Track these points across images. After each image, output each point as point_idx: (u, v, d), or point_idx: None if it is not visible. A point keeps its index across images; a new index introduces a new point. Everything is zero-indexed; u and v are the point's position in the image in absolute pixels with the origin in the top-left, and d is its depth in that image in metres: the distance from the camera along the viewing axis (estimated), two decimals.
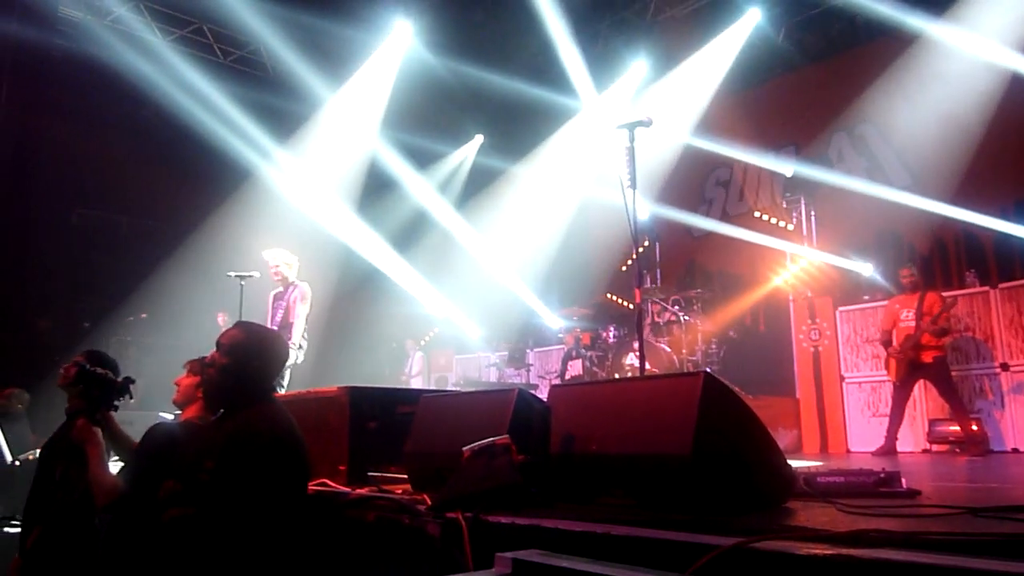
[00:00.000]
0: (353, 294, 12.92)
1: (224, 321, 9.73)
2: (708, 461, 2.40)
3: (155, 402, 7.69)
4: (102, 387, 3.57)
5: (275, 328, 7.12)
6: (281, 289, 7.36)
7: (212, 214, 11.69)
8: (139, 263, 11.34)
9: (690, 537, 2.00)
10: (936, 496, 3.03)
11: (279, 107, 11.91)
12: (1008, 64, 8.70)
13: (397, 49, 11.62)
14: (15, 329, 9.49)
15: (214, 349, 3.00)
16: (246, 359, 2.90)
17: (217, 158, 11.27)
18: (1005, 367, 7.59)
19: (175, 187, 11.78)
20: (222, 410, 3.03)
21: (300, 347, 7.18)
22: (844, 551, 1.74)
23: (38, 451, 5.99)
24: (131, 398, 3.69)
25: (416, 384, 12.28)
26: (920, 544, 1.81)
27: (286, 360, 3.12)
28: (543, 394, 3.37)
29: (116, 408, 3.71)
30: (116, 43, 10.63)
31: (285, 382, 7.14)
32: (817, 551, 1.77)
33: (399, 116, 12.61)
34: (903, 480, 3.01)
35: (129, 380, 3.67)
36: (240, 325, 3.08)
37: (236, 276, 7.91)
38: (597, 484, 2.74)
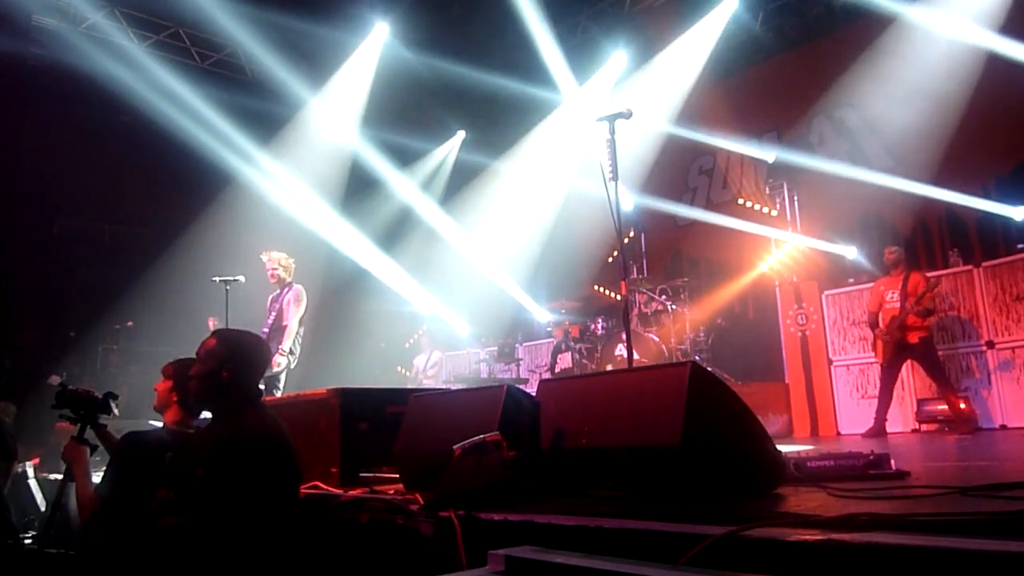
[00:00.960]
0: (340, 294, 12.88)
1: (214, 325, 9.67)
2: (698, 450, 2.41)
3: (144, 410, 7.63)
4: (85, 406, 3.56)
5: (267, 331, 7.10)
6: (278, 291, 7.36)
7: (195, 219, 11.60)
8: (123, 271, 11.25)
9: (682, 528, 2.01)
10: (925, 476, 3.06)
11: (259, 109, 11.82)
12: (984, 43, 8.75)
13: (376, 48, 11.56)
14: (0, 341, 9.40)
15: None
16: (220, 366, 2.91)
17: (198, 162, 11.17)
18: (991, 345, 7.65)
19: (157, 193, 11.70)
20: (203, 415, 3.03)
21: (291, 352, 7.15)
22: (835, 536, 1.75)
23: (28, 464, 5.98)
24: (110, 414, 3.66)
25: (430, 384, 12.10)
26: (909, 526, 1.82)
27: (267, 363, 3.11)
28: (534, 388, 3.37)
29: (105, 425, 3.70)
30: (92, 50, 10.51)
31: (281, 384, 7.12)
32: (808, 537, 1.78)
33: (380, 115, 12.56)
34: (892, 461, 3.04)
35: (111, 395, 3.66)
36: (216, 333, 3.09)
37: (221, 281, 7.86)
38: (589, 477, 2.75)
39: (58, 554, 3.52)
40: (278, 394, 6.76)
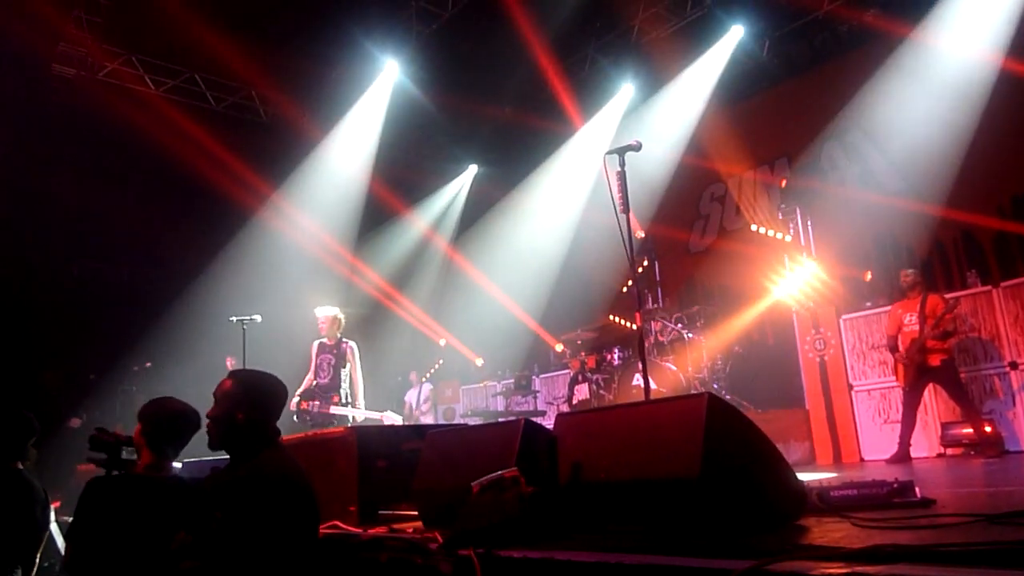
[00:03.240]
0: (355, 330, 12.89)
1: (232, 364, 9.74)
2: (717, 482, 2.38)
3: None
4: (109, 449, 3.57)
5: (325, 383, 7.38)
6: (327, 342, 7.63)
7: (213, 259, 11.74)
8: (142, 312, 11.36)
9: (704, 563, 1.99)
10: (952, 504, 3.00)
11: (274, 150, 12.01)
12: (993, 62, 8.76)
13: (387, 87, 11.74)
14: (21, 383, 9.49)
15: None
16: (235, 409, 2.91)
17: (215, 203, 11.34)
18: (1014, 366, 7.53)
19: (175, 234, 11.85)
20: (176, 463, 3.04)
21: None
22: (860, 568, 1.72)
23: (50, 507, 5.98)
24: (120, 459, 3.64)
25: (427, 420, 12.08)
26: (936, 557, 1.79)
27: (283, 404, 3.11)
28: (551, 421, 3.36)
29: (127, 466, 3.70)
30: (111, 96, 10.76)
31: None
32: (833, 570, 1.75)
33: (393, 151, 12.70)
34: (917, 489, 2.98)
35: (125, 441, 3.66)
36: (232, 375, 3.09)
37: (238, 320, 7.94)
38: (608, 512, 2.72)
39: None
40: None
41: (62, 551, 5.63)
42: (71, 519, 3.62)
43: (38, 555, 4.37)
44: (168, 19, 9.42)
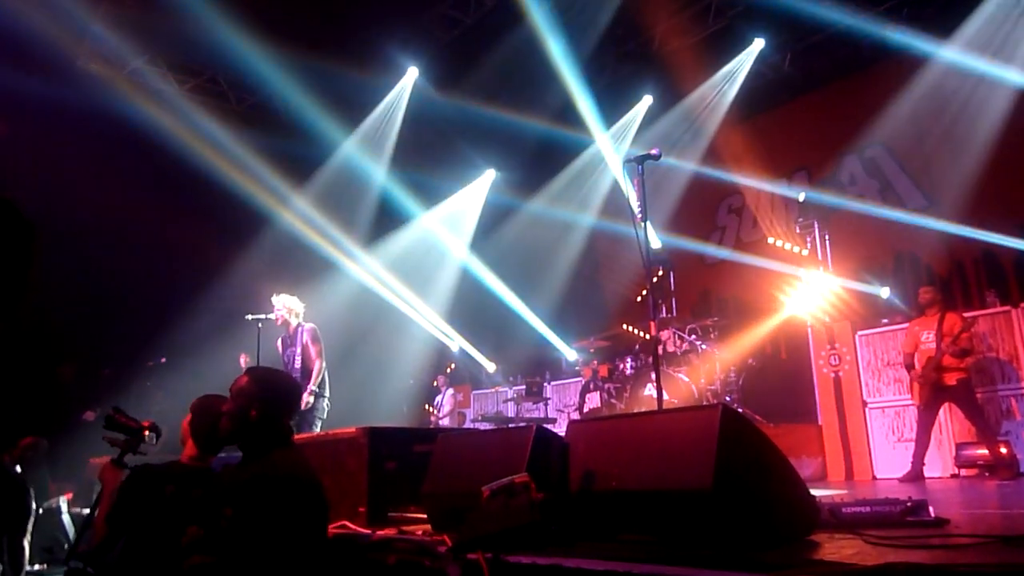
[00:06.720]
0: (368, 333, 12.96)
1: (246, 362, 9.78)
2: (730, 495, 2.36)
3: (174, 446, 7.70)
4: (127, 432, 3.62)
5: (298, 376, 7.17)
6: (287, 334, 7.48)
7: (230, 258, 11.80)
8: (158, 308, 11.43)
9: (715, 575, 1.97)
10: (966, 524, 2.97)
11: (293, 151, 12.07)
12: (1016, 80, 8.70)
13: (407, 90, 11.81)
14: (36, 377, 9.56)
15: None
16: (249, 405, 2.93)
17: (234, 202, 11.41)
18: None
19: (193, 232, 11.91)
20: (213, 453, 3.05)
21: (322, 393, 7.20)
22: None
23: (62, 499, 6.05)
24: (142, 443, 3.67)
25: (445, 423, 12.03)
26: None
27: (298, 403, 3.12)
28: (562, 428, 3.35)
29: (145, 452, 3.74)
30: (133, 94, 10.87)
31: (316, 428, 7.15)
32: None
33: (411, 154, 12.75)
34: (931, 508, 2.96)
35: (152, 428, 3.70)
36: (248, 371, 3.11)
37: (253, 319, 7.98)
38: (618, 521, 2.71)
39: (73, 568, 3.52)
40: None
41: (71, 539, 5.68)
42: (86, 510, 3.64)
43: (25, 541, 4.44)
44: (192, 18, 9.52)
